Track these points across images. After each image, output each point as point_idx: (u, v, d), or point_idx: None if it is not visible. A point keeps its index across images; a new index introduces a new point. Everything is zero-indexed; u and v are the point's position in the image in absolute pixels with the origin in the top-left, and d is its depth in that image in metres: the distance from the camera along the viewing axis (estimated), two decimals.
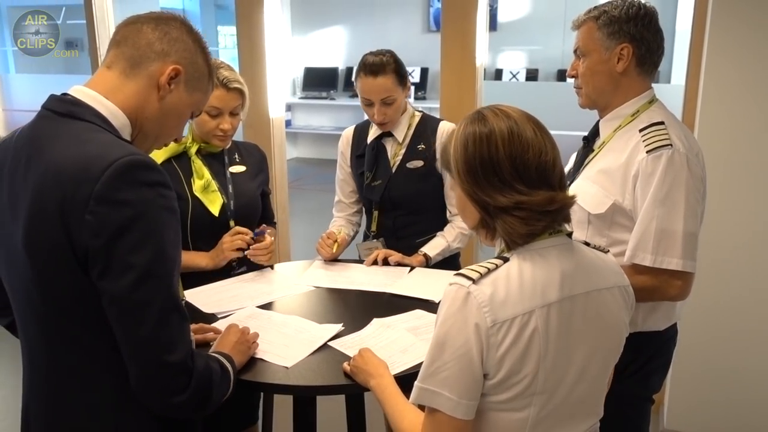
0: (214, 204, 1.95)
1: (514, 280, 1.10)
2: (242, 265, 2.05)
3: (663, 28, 1.66)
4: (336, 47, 8.85)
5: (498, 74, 7.96)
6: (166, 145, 1.57)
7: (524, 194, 1.10)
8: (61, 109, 1.11)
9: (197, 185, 1.95)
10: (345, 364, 1.43)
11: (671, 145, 1.53)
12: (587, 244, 1.24)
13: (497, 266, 1.11)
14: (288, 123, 9.00)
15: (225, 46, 9.69)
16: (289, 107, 8.94)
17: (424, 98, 7.86)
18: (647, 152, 1.54)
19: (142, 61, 1.15)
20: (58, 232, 1.02)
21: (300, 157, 9.19)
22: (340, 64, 8.86)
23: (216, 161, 2.04)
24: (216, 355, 1.28)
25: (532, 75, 7.68)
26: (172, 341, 1.06)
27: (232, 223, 2.00)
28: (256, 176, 2.11)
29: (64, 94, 1.14)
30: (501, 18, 8.04)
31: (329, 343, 1.55)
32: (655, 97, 1.67)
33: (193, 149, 1.99)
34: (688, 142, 1.57)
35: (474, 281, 1.08)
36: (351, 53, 8.79)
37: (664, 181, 1.51)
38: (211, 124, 1.95)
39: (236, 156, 2.09)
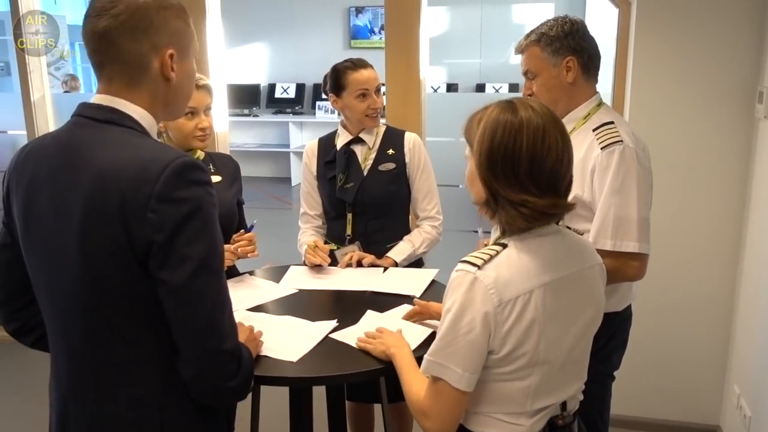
0: None
1: (515, 263, 1.22)
2: None
3: None
4: (258, 64, 8.85)
5: None
6: None
7: (533, 195, 1.22)
8: (100, 117, 1.16)
9: None
10: (358, 340, 1.53)
11: (622, 141, 1.71)
12: (568, 227, 1.39)
13: (497, 252, 1.23)
14: None
15: None
16: None
17: None
18: (601, 149, 1.72)
19: (139, 69, 1.17)
20: (118, 230, 1.08)
21: None
22: (263, 81, 8.85)
23: None
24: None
25: (452, 89, 7.97)
26: (225, 329, 1.13)
27: None
28: (231, 186, 2.15)
29: (97, 103, 1.18)
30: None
31: (331, 336, 1.63)
32: (602, 101, 1.87)
33: None
34: (635, 139, 1.76)
35: (479, 267, 1.20)
36: (273, 69, 8.81)
37: (618, 173, 1.69)
38: (190, 125, 1.97)
39: (211, 167, 2.11)
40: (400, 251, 2.23)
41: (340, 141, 2.32)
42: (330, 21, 8.51)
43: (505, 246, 1.25)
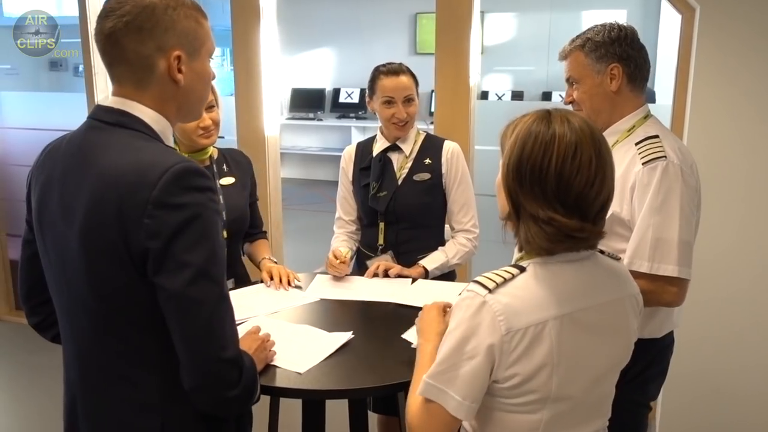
0: None
1: (531, 290, 1.13)
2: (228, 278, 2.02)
3: (649, 52, 1.75)
4: (323, 68, 8.93)
5: (484, 95, 8.08)
6: None
7: (558, 214, 1.13)
8: (110, 119, 1.16)
9: None
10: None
11: (665, 156, 1.60)
12: (602, 251, 1.27)
13: (513, 276, 1.14)
14: None
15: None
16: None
17: None
18: (643, 164, 1.61)
19: (145, 71, 1.16)
20: (115, 234, 1.08)
21: (286, 178, 9.19)
22: (327, 85, 8.93)
23: None
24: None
25: (517, 96, 7.81)
26: (225, 337, 1.11)
27: (224, 234, 1.97)
28: (245, 186, 2.13)
29: (109, 105, 1.18)
30: (487, 41, 8.19)
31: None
32: (650, 113, 1.75)
33: None
34: (682, 154, 1.64)
35: (490, 290, 1.11)
36: (338, 74, 8.88)
37: (659, 191, 1.58)
38: (191, 124, 1.95)
39: (224, 167, 2.10)
40: (432, 260, 2.17)
41: (377, 147, 2.28)
42: (396, 27, 8.50)
43: (522, 269, 1.16)
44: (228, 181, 2.08)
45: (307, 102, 8.80)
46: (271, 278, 2.04)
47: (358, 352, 1.60)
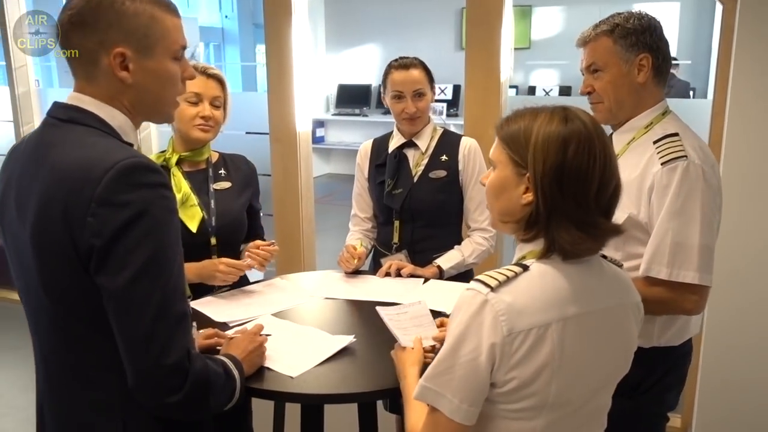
0: (193, 219, 1.88)
1: (534, 290, 1.08)
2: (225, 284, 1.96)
3: (700, 46, 1.66)
4: (369, 64, 8.94)
5: (531, 91, 7.94)
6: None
7: (601, 217, 1.10)
8: (64, 116, 1.15)
9: None
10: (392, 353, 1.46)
11: (686, 156, 1.51)
12: (604, 257, 1.22)
13: (516, 274, 1.09)
14: (321, 139, 9.09)
15: (264, 63, 9.87)
16: (323, 123, 9.04)
17: (456, 115, 7.87)
18: (662, 164, 1.52)
19: (91, 65, 1.14)
20: (62, 233, 1.06)
21: (332, 173, 9.27)
22: (373, 81, 8.93)
23: (199, 176, 1.99)
24: (223, 359, 1.28)
25: (565, 92, 7.64)
26: (167, 341, 1.07)
27: (213, 240, 1.94)
28: (242, 192, 2.05)
29: (64, 102, 1.17)
30: (534, 36, 8.03)
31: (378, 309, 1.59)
32: (668, 108, 1.66)
33: (173, 160, 1.94)
34: (703, 154, 1.55)
35: (492, 289, 1.06)
36: (384, 70, 8.86)
37: (679, 193, 1.49)
38: (191, 112, 1.90)
39: (222, 171, 2.04)
40: (448, 258, 2.12)
41: (393, 143, 2.24)
42: (442, 22, 8.43)
43: (526, 268, 1.10)
44: (223, 185, 2.02)
45: (354, 98, 8.84)
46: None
47: (358, 355, 1.57)
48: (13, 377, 3.53)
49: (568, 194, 1.07)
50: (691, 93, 6.49)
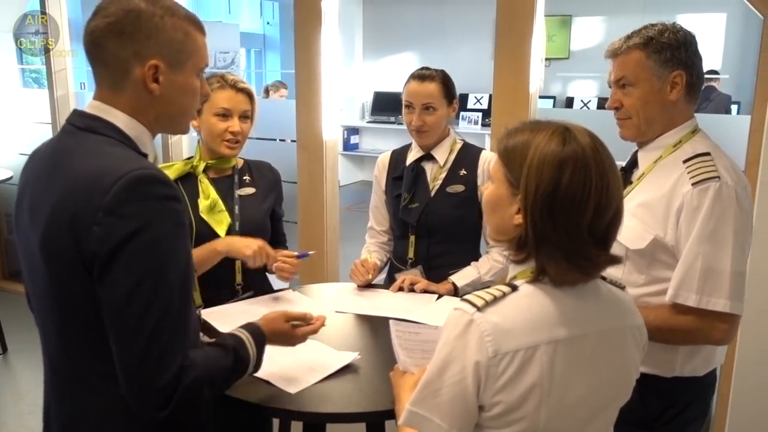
0: (221, 225, 1.90)
1: (523, 311, 1.04)
2: (248, 289, 2.01)
3: (746, 59, 1.57)
4: (406, 72, 8.75)
5: (569, 102, 7.79)
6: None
7: (593, 248, 1.04)
8: (81, 124, 1.16)
9: (203, 205, 1.89)
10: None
11: (719, 177, 1.43)
12: (603, 278, 1.17)
13: (504, 294, 1.06)
14: (355, 146, 9.10)
15: None
16: (357, 131, 9.05)
17: (491, 125, 7.77)
18: (693, 185, 1.45)
19: (121, 74, 1.14)
20: (70, 240, 1.06)
21: (365, 180, 9.26)
22: None
23: (225, 182, 2.00)
24: (242, 336, 1.26)
25: (604, 104, 7.48)
26: (160, 360, 1.06)
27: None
28: (265, 198, 2.06)
29: (84, 110, 1.18)
30: (574, 46, 7.90)
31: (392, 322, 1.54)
32: (698, 126, 1.58)
33: (200, 167, 1.96)
34: (736, 175, 1.47)
35: (479, 308, 1.03)
36: None
37: (711, 215, 1.41)
38: (220, 127, 1.90)
39: (246, 177, 2.04)
40: (463, 275, 2.06)
41: (411, 156, 2.19)
42: (480, 30, 8.34)
43: (515, 288, 1.07)
44: (247, 191, 2.02)
45: (389, 105, 8.80)
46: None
47: (361, 373, 1.54)
48: (39, 376, 3.58)
49: (559, 223, 1.03)
50: (735, 108, 6.28)
